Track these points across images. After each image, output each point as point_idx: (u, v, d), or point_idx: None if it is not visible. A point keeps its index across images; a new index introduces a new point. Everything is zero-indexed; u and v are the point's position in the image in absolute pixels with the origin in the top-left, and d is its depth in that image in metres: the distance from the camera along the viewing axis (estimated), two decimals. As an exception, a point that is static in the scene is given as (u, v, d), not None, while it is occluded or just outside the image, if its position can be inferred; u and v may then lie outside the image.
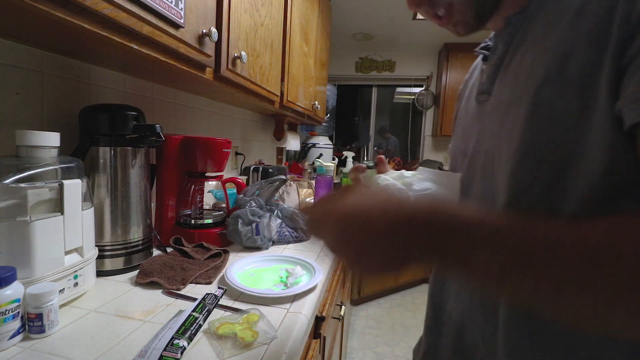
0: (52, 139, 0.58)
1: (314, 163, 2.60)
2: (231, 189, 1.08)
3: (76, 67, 0.79)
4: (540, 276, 0.26)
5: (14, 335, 0.48)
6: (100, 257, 0.70)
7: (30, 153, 0.56)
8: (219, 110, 1.48)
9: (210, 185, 1.06)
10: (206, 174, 0.99)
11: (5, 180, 0.50)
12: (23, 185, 0.52)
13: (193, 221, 0.97)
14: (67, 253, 0.58)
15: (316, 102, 1.96)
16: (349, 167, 2.74)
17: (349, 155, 3.04)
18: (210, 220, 0.98)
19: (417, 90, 3.63)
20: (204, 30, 0.76)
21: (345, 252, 0.35)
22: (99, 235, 0.71)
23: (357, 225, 0.32)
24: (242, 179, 1.17)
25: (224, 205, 1.07)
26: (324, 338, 0.87)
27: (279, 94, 1.38)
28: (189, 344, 0.50)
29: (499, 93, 0.42)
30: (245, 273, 0.78)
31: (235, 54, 0.94)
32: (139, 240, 0.78)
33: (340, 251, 0.35)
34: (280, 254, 0.91)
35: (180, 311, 0.59)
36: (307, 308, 0.65)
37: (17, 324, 0.49)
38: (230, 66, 0.92)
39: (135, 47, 0.61)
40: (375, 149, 3.86)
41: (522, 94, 0.36)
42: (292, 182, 1.52)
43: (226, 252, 0.88)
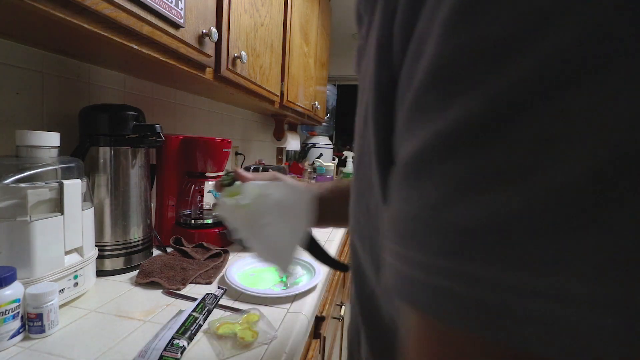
0: (52, 139, 0.58)
1: (314, 163, 2.60)
2: (231, 189, 1.08)
3: (76, 67, 0.79)
4: None
5: (14, 335, 0.48)
6: (100, 257, 0.70)
7: (30, 153, 0.56)
8: (219, 110, 1.48)
9: (210, 185, 1.06)
10: (206, 174, 0.99)
11: (5, 180, 0.50)
12: (23, 185, 0.52)
13: (193, 221, 0.97)
14: (67, 253, 0.58)
15: (316, 102, 1.96)
16: (349, 168, 2.74)
17: (349, 155, 3.04)
18: (210, 220, 0.98)
19: (417, 90, 3.62)
20: (204, 30, 0.76)
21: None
22: (99, 235, 0.71)
23: None
24: (242, 179, 1.17)
25: (224, 205, 1.06)
26: (324, 338, 0.86)
27: (279, 94, 1.38)
28: (189, 344, 0.50)
29: (363, 67, 0.29)
30: (245, 273, 0.78)
31: (235, 54, 0.94)
32: (139, 240, 0.78)
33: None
34: (280, 254, 0.91)
35: (180, 311, 0.59)
36: (307, 308, 0.65)
37: (17, 324, 0.49)
38: (230, 66, 0.92)
39: (135, 47, 0.61)
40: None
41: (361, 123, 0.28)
42: (292, 182, 1.52)
43: (226, 252, 0.88)
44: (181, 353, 0.48)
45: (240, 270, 0.78)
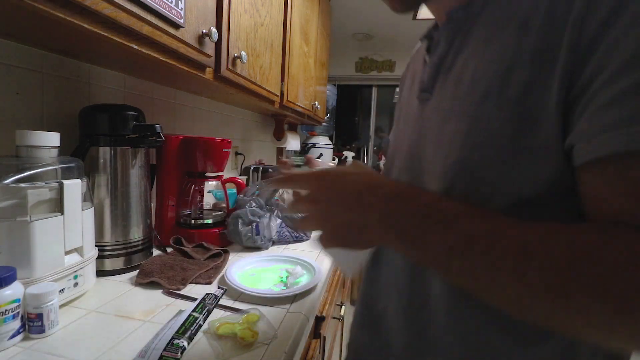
0: (52, 139, 0.58)
1: (314, 163, 2.60)
2: (231, 189, 1.08)
3: (76, 67, 0.79)
4: (480, 261, 0.27)
5: (14, 335, 0.48)
6: (100, 257, 0.70)
7: (30, 153, 0.56)
8: (219, 110, 1.48)
9: (210, 185, 1.06)
10: (206, 174, 0.99)
11: (5, 180, 0.50)
12: (23, 185, 0.52)
13: (193, 221, 0.97)
14: (67, 253, 0.58)
15: (316, 102, 1.96)
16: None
17: (349, 155, 3.04)
18: (210, 220, 0.98)
19: (417, 90, 3.62)
20: (204, 30, 0.76)
21: (315, 208, 0.36)
22: (99, 235, 0.71)
23: (330, 180, 0.35)
24: (242, 179, 1.17)
25: (224, 205, 1.06)
26: (324, 338, 0.87)
27: (279, 94, 1.38)
28: (189, 344, 0.50)
29: (440, 98, 0.40)
30: (245, 273, 0.78)
31: (235, 54, 0.94)
32: (139, 240, 0.78)
33: (311, 208, 0.36)
34: (280, 254, 0.91)
35: (180, 311, 0.59)
36: (307, 308, 0.65)
37: (17, 324, 0.49)
38: (230, 66, 0.92)
39: (135, 47, 0.61)
40: (375, 148, 3.87)
41: (463, 106, 0.36)
42: (292, 182, 1.52)
43: (226, 252, 0.88)
44: (181, 353, 0.48)
45: (240, 270, 0.78)
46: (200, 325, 0.55)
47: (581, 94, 0.27)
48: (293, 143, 2.21)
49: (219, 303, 0.63)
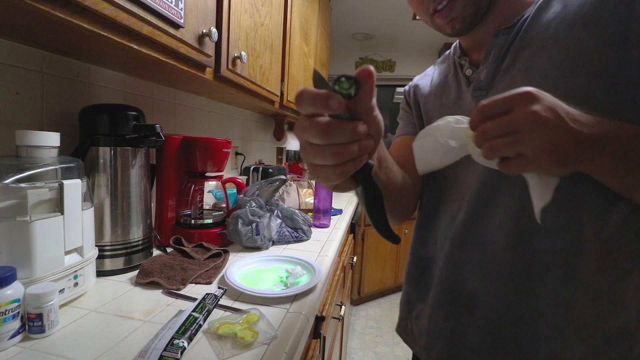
0: (52, 139, 0.58)
1: (314, 163, 2.59)
2: (231, 189, 1.08)
3: (76, 67, 0.79)
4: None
5: (14, 335, 0.48)
6: (100, 257, 0.70)
7: (30, 153, 0.56)
8: (219, 110, 1.49)
9: (210, 185, 1.06)
10: (206, 174, 0.99)
11: (5, 180, 0.50)
12: (23, 185, 0.52)
13: (193, 221, 0.97)
14: (67, 253, 0.58)
15: (316, 102, 1.95)
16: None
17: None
18: (210, 220, 0.98)
19: (417, 90, 3.62)
20: (204, 30, 0.76)
21: (548, 115, 0.35)
22: (99, 235, 0.71)
23: (554, 102, 0.36)
24: (242, 179, 1.17)
25: (224, 205, 1.07)
26: (324, 338, 0.87)
27: (279, 94, 1.38)
28: (189, 344, 0.50)
29: (503, 87, 0.48)
30: (245, 273, 0.78)
31: (235, 54, 0.94)
32: (139, 240, 0.78)
33: (537, 119, 0.35)
34: (280, 254, 0.91)
35: (180, 311, 0.59)
36: (307, 308, 0.65)
37: (17, 324, 0.49)
38: (230, 66, 0.92)
39: (135, 47, 0.61)
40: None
41: (541, 86, 0.37)
42: (292, 182, 1.52)
43: (226, 252, 0.88)
44: (181, 353, 0.48)
45: (240, 270, 0.78)
46: (200, 325, 0.55)
47: None
48: (293, 143, 2.21)
49: (219, 303, 0.63)
